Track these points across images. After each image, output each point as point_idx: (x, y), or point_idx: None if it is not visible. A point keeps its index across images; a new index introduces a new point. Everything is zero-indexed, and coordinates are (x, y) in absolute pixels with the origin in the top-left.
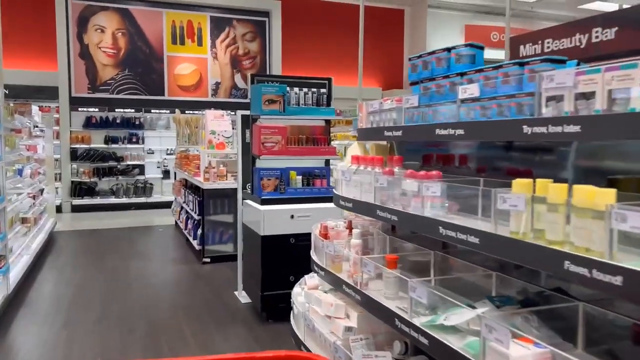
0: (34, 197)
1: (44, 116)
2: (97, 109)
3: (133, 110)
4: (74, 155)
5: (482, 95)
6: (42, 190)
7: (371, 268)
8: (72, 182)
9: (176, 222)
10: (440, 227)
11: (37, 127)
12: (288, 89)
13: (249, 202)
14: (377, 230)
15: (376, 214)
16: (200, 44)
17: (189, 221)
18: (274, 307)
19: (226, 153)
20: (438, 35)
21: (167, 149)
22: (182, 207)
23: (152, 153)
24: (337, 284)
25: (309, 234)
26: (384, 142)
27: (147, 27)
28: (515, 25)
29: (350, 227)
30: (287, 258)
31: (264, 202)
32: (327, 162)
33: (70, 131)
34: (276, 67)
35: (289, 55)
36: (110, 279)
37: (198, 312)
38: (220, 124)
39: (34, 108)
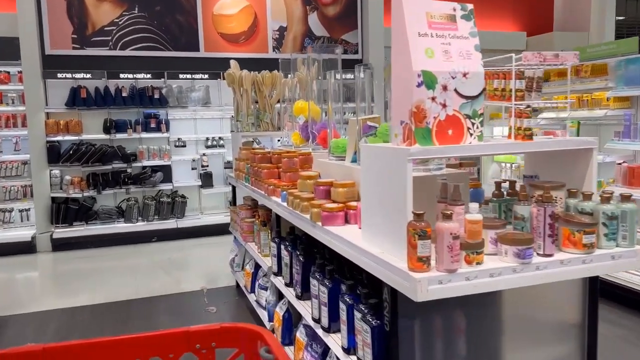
0: None
1: None
2: (89, 75)
3: (149, 77)
4: (54, 155)
5: None
6: None
7: None
8: (53, 199)
9: (238, 284)
10: None
11: None
12: None
13: None
14: None
15: None
16: None
17: (293, 330)
18: None
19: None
20: None
21: (208, 138)
22: (257, 266)
23: (183, 146)
24: None
25: None
26: None
27: None
28: None
29: None
30: None
31: None
32: None
33: (47, 113)
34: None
35: None
36: None
37: None
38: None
39: None
